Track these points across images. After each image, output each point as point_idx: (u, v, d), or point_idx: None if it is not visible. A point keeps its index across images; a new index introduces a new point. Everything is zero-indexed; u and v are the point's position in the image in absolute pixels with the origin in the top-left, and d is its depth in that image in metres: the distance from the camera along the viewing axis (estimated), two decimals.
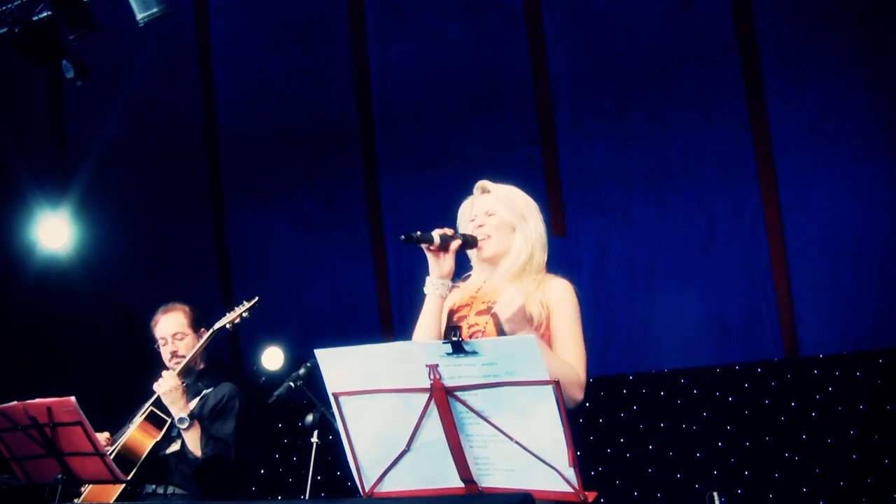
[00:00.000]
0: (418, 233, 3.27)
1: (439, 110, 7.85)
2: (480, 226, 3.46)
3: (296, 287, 8.10)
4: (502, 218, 3.46)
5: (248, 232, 8.30)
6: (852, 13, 6.68)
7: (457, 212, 3.57)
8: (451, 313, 3.46)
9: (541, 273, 3.44)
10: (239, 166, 8.31)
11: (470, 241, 3.42)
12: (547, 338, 3.29)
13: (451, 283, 3.38)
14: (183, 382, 4.52)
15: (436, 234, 3.32)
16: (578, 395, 3.17)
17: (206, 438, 4.45)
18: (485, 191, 3.55)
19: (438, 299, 3.36)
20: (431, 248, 3.34)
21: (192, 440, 4.42)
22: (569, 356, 3.23)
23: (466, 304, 3.45)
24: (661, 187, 7.29)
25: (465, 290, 3.52)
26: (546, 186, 7.50)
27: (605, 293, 7.39)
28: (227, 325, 4.68)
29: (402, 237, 3.22)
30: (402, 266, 7.89)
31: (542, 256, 3.47)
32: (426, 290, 3.37)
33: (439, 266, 3.35)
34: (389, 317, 7.86)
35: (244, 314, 4.64)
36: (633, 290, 7.34)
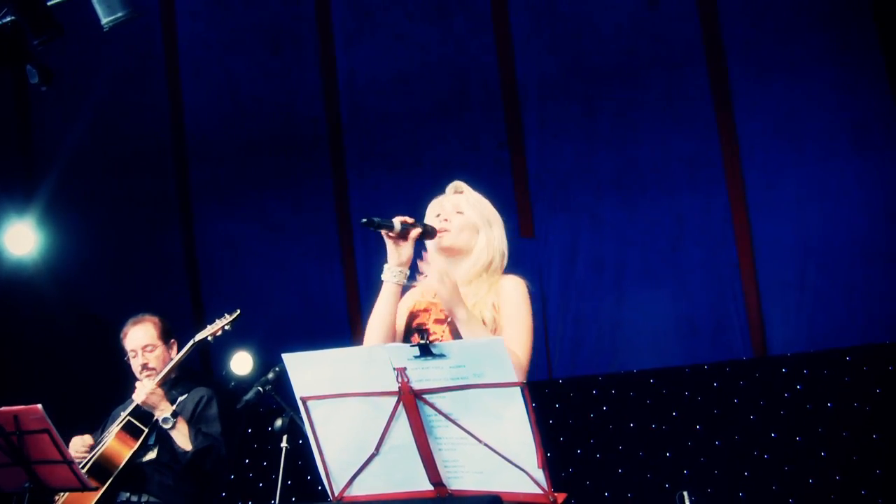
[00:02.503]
0: (378, 219, 3.27)
1: (408, 113, 7.84)
2: (446, 220, 3.48)
3: (265, 292, 8.05)
4: (469, 218, 3.48)
5: (217, 237, 8.26)
6: (819, 13, 6.70)
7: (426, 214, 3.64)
8: (411, 317, 3.46)
9: (495, 275, 3.46)
10: (207, 171, 8.26)
11: (430, 231, 3.42)
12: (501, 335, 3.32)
13: (408, 272, 3.36)
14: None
15: (396, 220, 3.32)
16: (519, 377, 3.17)
17: (195, 432, 4.45)
18: (458, 191, 3.58)
19: (395, 287, 3.34)
20: (391, 234, 3.33)
21: (181, 436, 4.43)
22: (510, 341, 3.21)
23: (425, 310, 3.45)
24: (629, 188, 7.29)
25: (423, 290, 3.52)
26: (514, 188, 7.51)
27: (574, 294, 7.38)
28: (209, 338, 4.67)
29: (364, 221, 3.21)
30: (371, 270, 7.79)
31: (500, 264, 3.50)
32: (384, 276, 3.35)
33: (398, 253, 3.33)
34: (359, 320, 7.83)
35: (226, 327, 4.65)
36: (603, 291, 7.33)
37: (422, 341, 2.54)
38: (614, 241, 7.35)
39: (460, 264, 3.46)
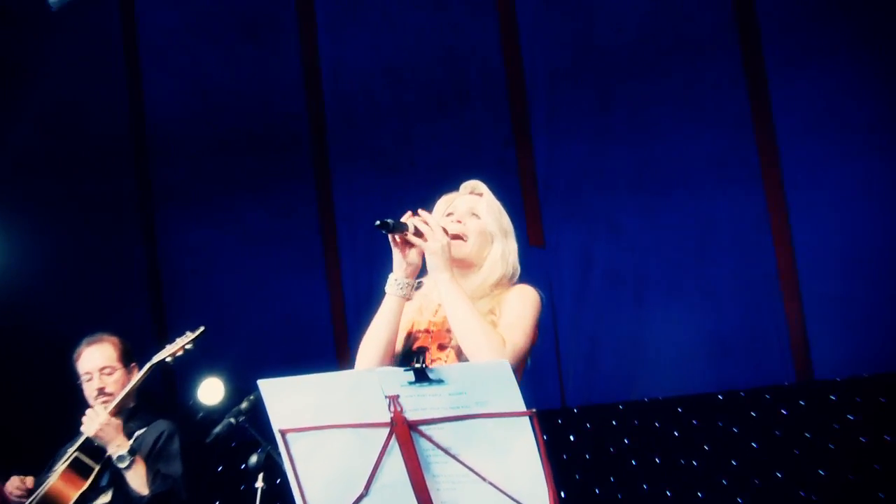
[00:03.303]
0: (392, 220, 3.22)
1: (400, 109, 7.83)
2: (459, 222, 3.47)
3: (238, 309, 8.02)
4: (487, 225, 3.49)
5: (183, 246, 8.23)
6: None
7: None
8: (410, 338, 3.44)
9: (502, 288, 3.46)
10: (172, 172, 8.24)
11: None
12: None
13: (415, 284, 3.35)
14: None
15: (410, 222, 3.28)
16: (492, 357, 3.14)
17: (154, 474, 4.38)
18: (476, 192, 3.61)
19: (399, 301, 3.32)
20: (400, 237, 3.29)
21: (137, 479, 4.35)
22: (504, 329, 3.25)
23: (426, 332, 3.43)
24: (650, 191, 7.22)
25: (422, 306, 3.50)
26: (521, 192, 7.46)
27: (589, 311, 7.32)
28: (168, 359, 4.62)
29: (378, 223, 3.16)
30: (359, 283, 7.80)
31: (512, 280, 3.48)
32: (387, 289, 3.32)
33: (406, 262, 3.31)
34: (346, 340, 7.78)
35: (188, 346, 4.62)
36: (621, 306, 7.25)
37: (417, 365, 2.53)
38: (633, 250, 7.27)
39: (468, 279, 3.44)
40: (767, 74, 6.89)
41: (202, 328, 4.65)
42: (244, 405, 4.48)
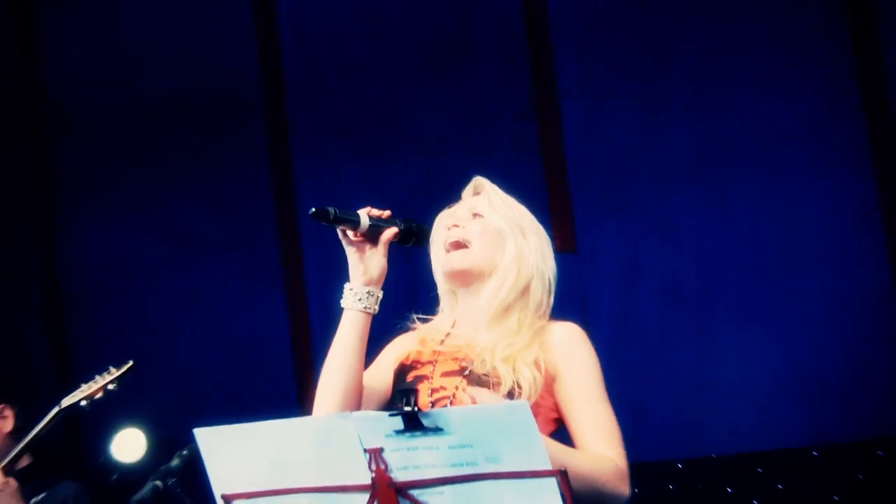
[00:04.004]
0: (334, 209, 3.27)
1: (382, 69, 7.85)
2: (455, 226, 3.53)
3: (167, 333, 8.03)
4: (491, 223, 3.52)
5: (92, 252, 8.16)
6: None
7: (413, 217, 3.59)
8: (403, 370, 3.48)
9: (541, 320, 3.47)
10: (79, 155, 8.21)
11: (417, 232, 3.47)
12: (547, 414, 3.32)
13: (380, 294, 3.39)
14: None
15: (363, 213, 3.34)
16: (622, 489, 3.18)
17: None
18: (476, 191, 3.65)
19: (361, 318, 3.35)
20: (356, 234, 3.35)
21: None
22: (596, 435, 3.25)
23: (429, 362, 3.45)
24: (717, 177, 7.24)
25: (424, 335, 3.54)
26: (546, 180, 7.49)
27: (635, 338, 7.32)
28: (83, 402, 4.66)
29: (313, 211, 3.23)
30: (330, 299, 7.11)
31: (542, 293, 3.50)
32: (343, 303, 3.38)
33: (364, 265, 3.36)
34: (310, 375, 7.60)
35: (111, 386, 4.66)
36: (679, 331, 7.25)
37: (407, 408, 2.50)
38: (695, 257, 7.28)
39: (479, 295, 3.48)
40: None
41: (131, 363, 4.69)
42: (174, 462, 4.44)
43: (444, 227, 3.56)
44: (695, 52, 7.30)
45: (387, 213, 3.38)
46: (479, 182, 3.63)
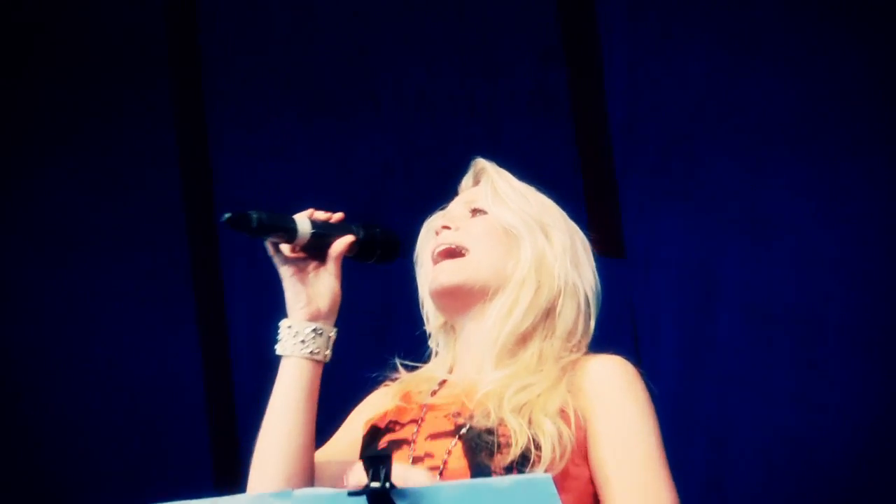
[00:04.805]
0: (258, 213, 3.26)
1: None
2: (446, 227, 3.58)
3: (30, 387, 7.90)
4: (497, 220, 3.59)
5: None
6: None
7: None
8: (376, 434, 3.47)
9: (573, 353, 3.50)
10: None
11: (382, 241, 3.48)
12: (582, 489, 3.30)
13: (333, 332, 3.40)
14: None
15: (301, 218, 3.32)
16: None
17: None
18: (477, 178, 3.76)
19: (307, 367, 3.36)
20: (293, 248, 3.36)
21: None
22: (643, 494, 3.23)
23: (413, 421, 3.45)
24: (825, 151, 7.04)
25: (410, 387, 3.57)
26: (579, 154, 7.40)
27: (710, 378, 7.09)
28: None
29: (227, 217, 3.25)
30: (261, 339, 7.17)
31: (575, 315, 3.55)
32: (280, 348, 3.37)
33: (308, 292, 3.38)
34: (231, 434, 7.74)
35: None
36: (772, 370, 7.05)
37: (375, 483, 2.48)
38: (794, 263, 7.08)
39: (482, 322, 3.53)
40: None
41: None
42: None
43: (433, 231, 3.66)
44: None
45: (338, 215, 3.42)
46: (480, 166, 3.72)
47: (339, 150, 7.69)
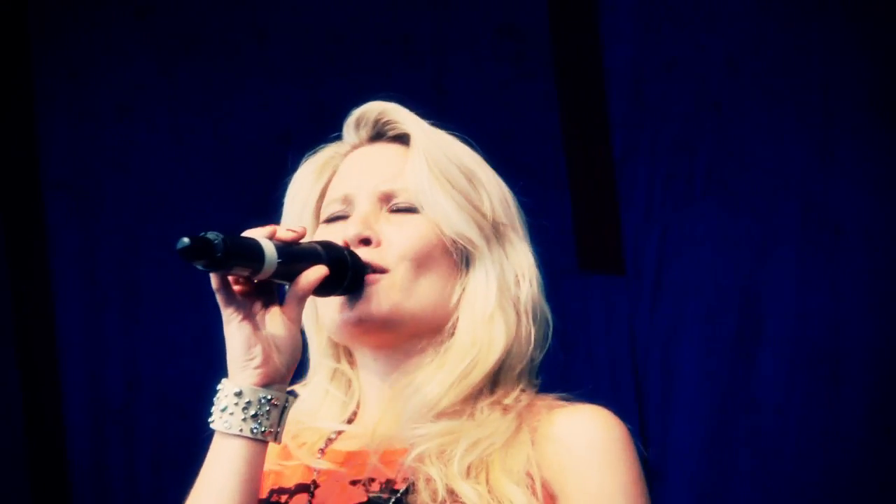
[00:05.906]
0: (218, 236, 2.80)
1: None
2: (362, 238, 3.13)
3: None
4: (439, 227, 3.20)
5: None
6: None
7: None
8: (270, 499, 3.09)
9: (527, 392, 3.14)
10: None
11: (354, 267, 3.05)
12: None
13: (292, 401, 3.01)
14: None
15: (263, 240, 2.91)
16: None
17: None
18: (391, 131, 3.28)
19: (256, 450, 2.93)
20: (247, 284, 2.90)
21: None
22: None
23: (302, 488, 3.19)
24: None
25: (297, 430, 3.24)
26: (562, 130, 6.67)
27: (745, 440, 6.37)
28: None
29: (185, 242, 2.78)
30: (126, 367, 7.17)
31: (531, 341, 3.19)
32: (220, 422, 2.89)
33: (262, 344, 2.90)
34: None
35: None
36: (832, 435, 6.29)
37: None
38: (855, 286, 6.30)
39: (412, 369, 3.17)
40: None
41: None
42: None
43: (325, 214, 3.24)
44: None
45: (300, 230, 3.03)
46: (396, 113, 3.19)
47: (209, 101, 7.26)
